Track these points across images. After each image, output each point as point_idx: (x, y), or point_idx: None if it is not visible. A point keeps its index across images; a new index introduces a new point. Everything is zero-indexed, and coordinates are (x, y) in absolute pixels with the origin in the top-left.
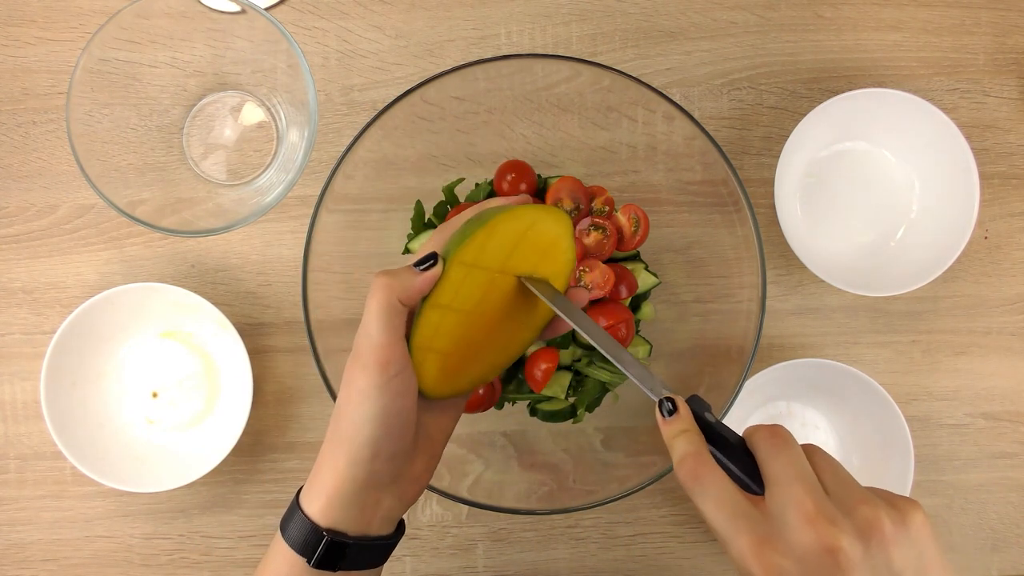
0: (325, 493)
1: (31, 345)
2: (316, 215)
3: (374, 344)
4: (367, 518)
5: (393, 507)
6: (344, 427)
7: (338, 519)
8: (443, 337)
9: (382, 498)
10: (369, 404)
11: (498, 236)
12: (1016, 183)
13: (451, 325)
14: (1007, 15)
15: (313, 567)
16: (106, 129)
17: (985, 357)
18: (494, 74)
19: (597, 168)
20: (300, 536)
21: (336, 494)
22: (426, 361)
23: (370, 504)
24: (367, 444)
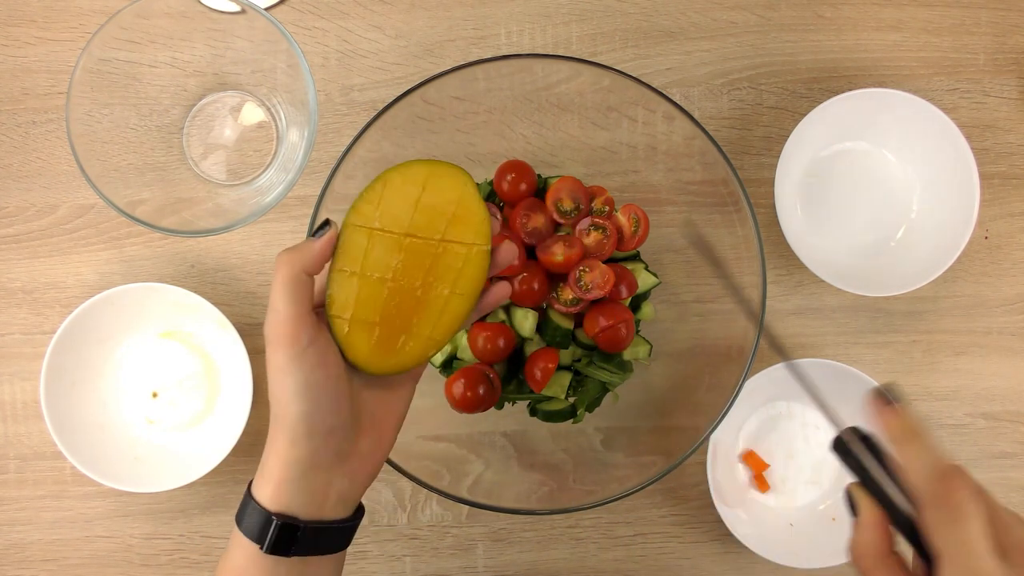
0: (273, 479)
1: (31, 345)
2: (316, 215)
3: (281, 318)
4: (318, 501)
5: (344, 489)
6: (277, 410)
7: (288, 503)
8: (365, 307)
9: (331, 479)
10: (290, 379)
11: (390, 195)
12: (1016, 183)
13: (371, 294)
14: (1007, 15)
15: (267, 552)
16: (106, 129)
17: (985, 357)
18: (494, 74)
19: (597, 168)
20: (253, 524)
21: (283, 478)
22: (353, 332)
23: (319, 486)
24: (299, 420)
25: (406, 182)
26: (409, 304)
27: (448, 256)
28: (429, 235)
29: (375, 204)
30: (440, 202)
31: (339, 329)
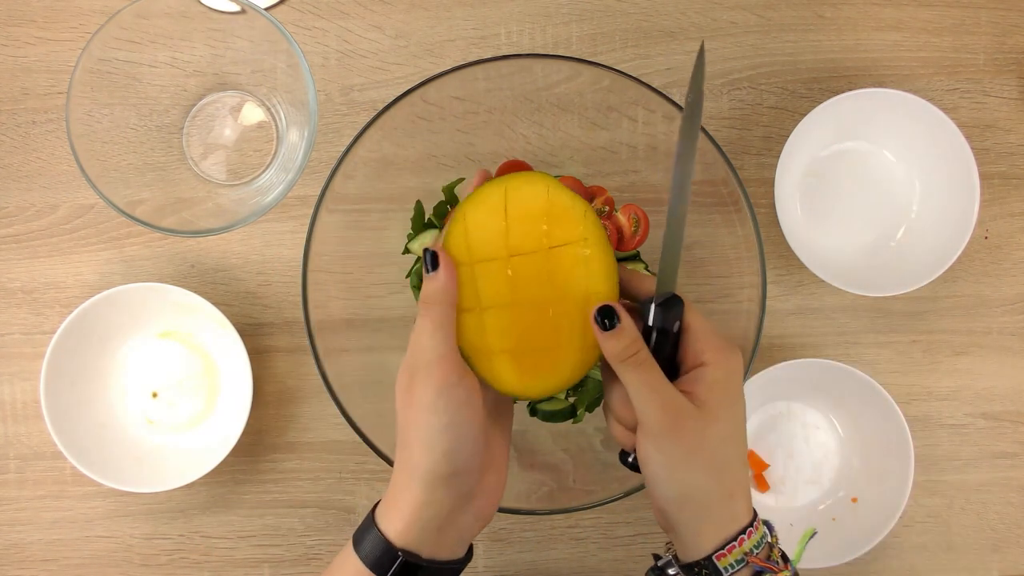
0: (403, 516)
1: (31, 345)
2: (316, 215)
3: (433, 357)
4: (443, 539)
5: (470, 526)
6: (415, 449)
7: (414, 541)
8: (500, 336)
9: (460, 518)
10: (437, 417)
11: (475, 226)
12: (1016, 183)
13: (497, 323)
14: (1007, 15)
15: None
16: (106, 129)
17: (985, 357)
18: (494, 74)
19: (597, 168)
20: (374, 553)
21: (415, 517)
22: (495, 364)
23: (448, 525)
24: (443, 459)
25: (485, 208)
26: (542, 319)
27: (564, 259)
28: (534, 247)
29: (463, 239)
30: (529, 212)
31: (484, 364)
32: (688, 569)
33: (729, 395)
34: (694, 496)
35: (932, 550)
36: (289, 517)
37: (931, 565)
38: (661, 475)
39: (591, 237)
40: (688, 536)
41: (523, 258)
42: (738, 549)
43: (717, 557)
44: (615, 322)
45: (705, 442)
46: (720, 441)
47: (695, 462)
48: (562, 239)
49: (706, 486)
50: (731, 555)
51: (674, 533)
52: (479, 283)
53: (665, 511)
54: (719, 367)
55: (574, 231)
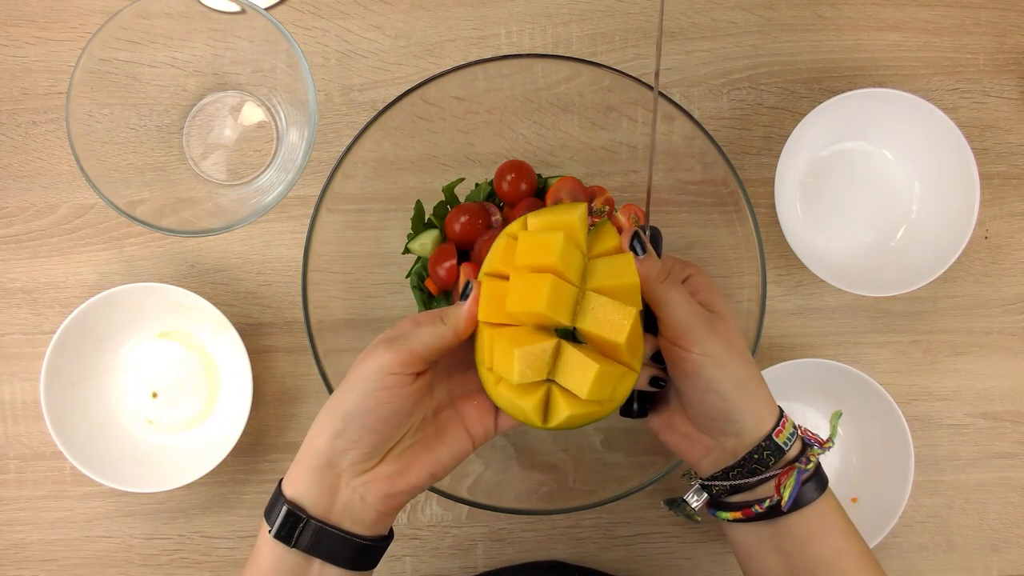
0: (295, 467)
1: (31, 345)
2: (316, 215)
3: (407, 346)
4: (325, 501)
5: (353, 501)
6: (331, 400)
7: (301, 493)
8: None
9: (340, 484)
10: (360, 383)
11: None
12: (1016, 183)
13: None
14: (1007, 15)
15: (273, 536)
16: (106, 129)
17: (985, 357)
18: (494, 74)
19: (597, 168)
20: (271, 508)
21: (301, 466)
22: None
23: (328, 486)
24: (340, 416)
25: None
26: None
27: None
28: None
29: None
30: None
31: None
32: (736, 470)
33: (720, 294)
34: (745, 382)
35: (932, 550)
36: None
37: (931, 565)
38: (716, 374)
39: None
40: (748, 426)
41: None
42: (788, 424)
43: (776, 434)
44: (645, 248)
45: (732, 336)
46: (736, 332)
47: (734, 353)
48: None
49: (749, 371)
50: (785, 430)
51: (727, 435)
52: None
53: (725, 411)
54: (700, 273)
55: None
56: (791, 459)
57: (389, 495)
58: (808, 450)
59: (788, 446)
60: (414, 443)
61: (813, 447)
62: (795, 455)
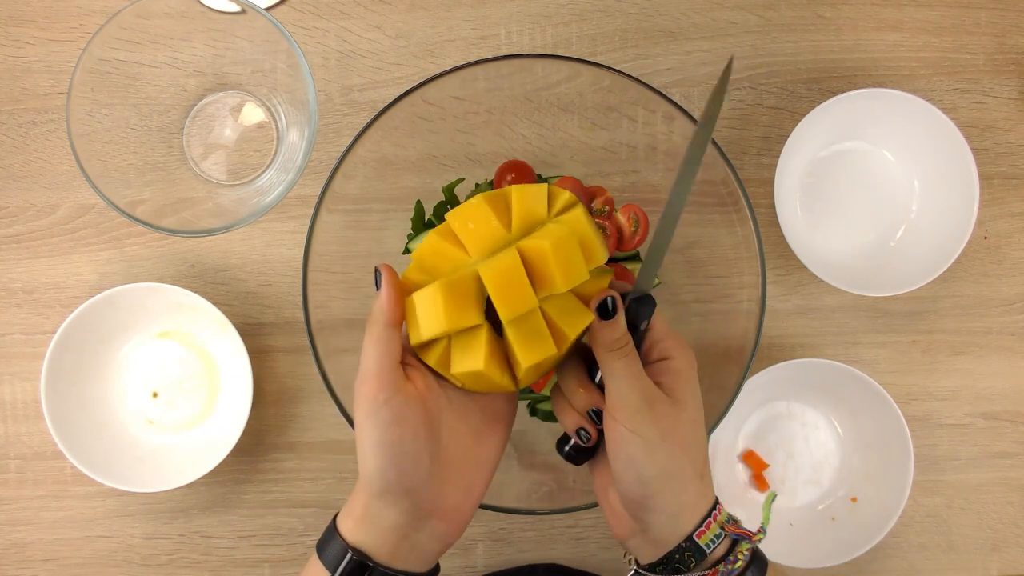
0: (353, 515)
1: (31, 345)
2: (316, 215)
3: (364, 376)
4: (393, 548)
5: (426, 545)
6: (359, 460)
7: (364, 542)
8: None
9: (414, 534)
10: (367, 433)
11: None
12: (1016, 183)
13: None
14: (1007, 15)
15: None
16: (106, 129)
17: (985, 357)
18: (494, 74)
19: (597, 168)
20: (331, 554)
21: (362, 516)
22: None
23: (402, 539)
24: (375, 477)
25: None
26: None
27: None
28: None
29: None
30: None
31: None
32: (660, 567)
33: (692, 385)
34: (673, 473)
35: (932, 550)
36: (289, 517)
37: (931, 565)
38: (639, 455)
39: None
40: (665, 520)
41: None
42: (715, 523)
43: (697, 535)
44: (614, 313)
45: (678, 425)
46: (690, 424)
47: (671, 442)
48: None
49: (681, 464)
50: (710, 530)
51: (645, 525)
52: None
53: (641, 496)
54: (683, 360)
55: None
56: (716, 559)
57: (460, 524)
58: (737, 547)
59: (711, 547)
60: (459, 453)
61: (742, 542)
62: (721, 554)
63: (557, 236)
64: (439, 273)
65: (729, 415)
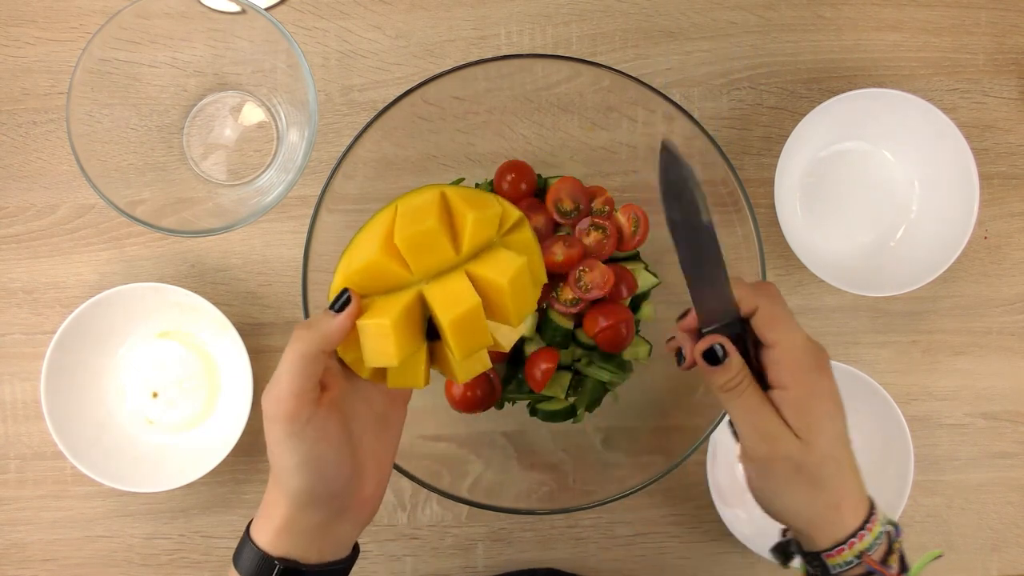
0: (273, 526)
1: (31, 345)
2: (316, 215)
3: (283, 394)
4: (318, 547)
5: (347, 533)
6: (278, 475)
7: (289, 549)
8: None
9: (333, 528)
10: (288, 455)
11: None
12: (1016, 183)
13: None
14: (1007, 15)
15: None
16: (106, 129)
17: (985, 357)
18: (494, 74)
19: (597, 168)
20: (252, 566)
21: (284, 527)
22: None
23: (323, 536)
24: (301, 492)
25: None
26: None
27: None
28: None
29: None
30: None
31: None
32: (806, 555)
33: (816, 413)
34: (798, 512)
35: (932, 550)
36: None
37: (931, 565)
38: (763, 497)
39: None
40: (800, 538)
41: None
42: (848, 552)
43: (827, 556)
44: (724, 357)
45: (803, 467)
46: (819, 461)
47: (794, 485)
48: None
49: (807, 504)
50: (840, 556)
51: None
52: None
53: (776, 520)
54: (799, 387)
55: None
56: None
57: (374, 508)
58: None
59: (841, 570)
60: (372, 442)
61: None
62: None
63: (513, 272)
64: (375, 288)
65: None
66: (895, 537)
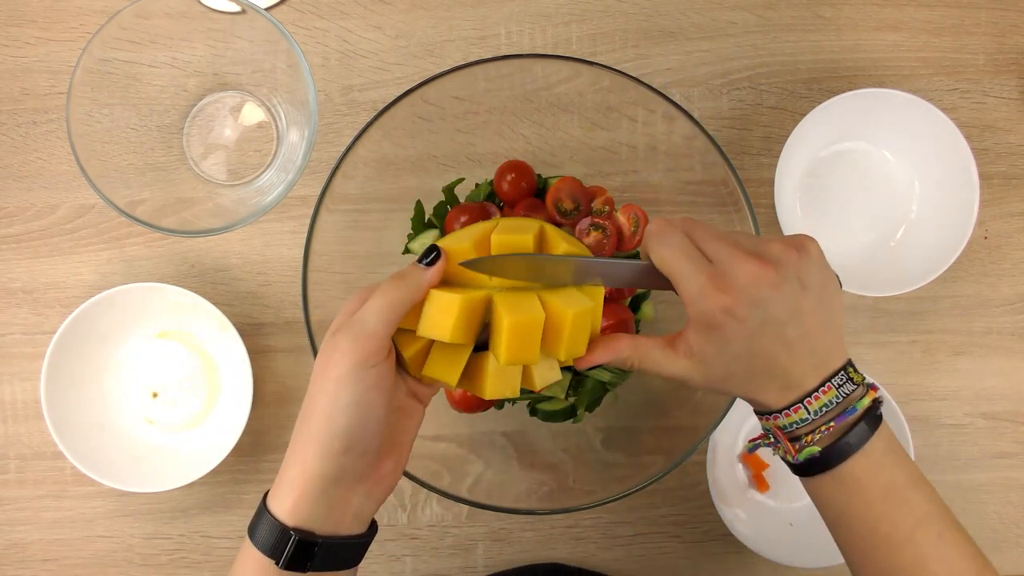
0: (293, 493)
1: (31, 345)
2: (316, 215)
3: (366, 334)
4: (336, 517)
5: (363, 506)
6: (317, 418)
7: (306, 518)
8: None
9: (351, 497)
10: (345, 392)
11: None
12: (1016, 183)
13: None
14: (1007, 15)
15: (282, 568)
16: (106, 129)
17: (985, 357)
18: (494, 74)
19: (597, 168)
20: (268, 538)
21: (304, 493)
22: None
23: (338, 503)
24: (340, 435)
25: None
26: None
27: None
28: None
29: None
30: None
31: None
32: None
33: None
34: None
35: None
36: None
37: None
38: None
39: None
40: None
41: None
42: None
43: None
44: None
45: (712, 384)
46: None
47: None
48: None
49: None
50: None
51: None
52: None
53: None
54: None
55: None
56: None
57: (391, 487)
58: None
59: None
60: (396, 422)
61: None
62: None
63: (580, 309)
64: (452, 278)
65: (729, 415)
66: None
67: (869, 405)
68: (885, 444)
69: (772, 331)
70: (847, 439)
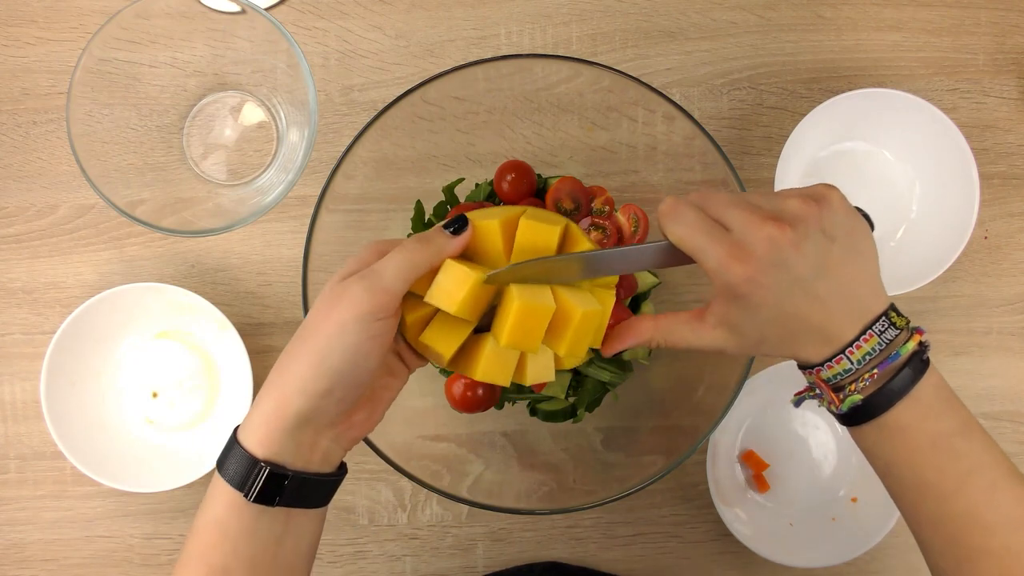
0: (264, 425)
1: (31, 345)
2: (316, 215)
3: (380, 287)
4: (305, 455)
5: (331, 449)
6: (308, 355)
7: (276, 452)
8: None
9: (319, 440)
10: (347, 336)
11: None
12: (1016, 183)
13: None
14: (1007, 15)
15: (252, 500)
16: (106, 129)
17: (985, 357)
18: (494, 74)
19: (597, 168)
20: (238, 471)
21: (276, 426)
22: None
23: (307, 442)
24: (327, 375)
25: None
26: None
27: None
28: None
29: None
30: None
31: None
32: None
33: (731, 316)
34: (768, 339)
35: None
36: None
37: None
38: (733, 335)
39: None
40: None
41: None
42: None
43: (818, 371)
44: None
45: (746, 350)
46: (754, 345)
47: (764, 348)
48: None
49: (773, 336)
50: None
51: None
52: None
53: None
54: (713, 305)
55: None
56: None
57: (359, 436)
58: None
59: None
60: (378, 379)
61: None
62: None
63: (590, 309)
64: (472, 253)
65: (729, 415)
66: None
67: (915, 349)
68: (933, 390)
69: (801, 290)
70: (890, 385)
